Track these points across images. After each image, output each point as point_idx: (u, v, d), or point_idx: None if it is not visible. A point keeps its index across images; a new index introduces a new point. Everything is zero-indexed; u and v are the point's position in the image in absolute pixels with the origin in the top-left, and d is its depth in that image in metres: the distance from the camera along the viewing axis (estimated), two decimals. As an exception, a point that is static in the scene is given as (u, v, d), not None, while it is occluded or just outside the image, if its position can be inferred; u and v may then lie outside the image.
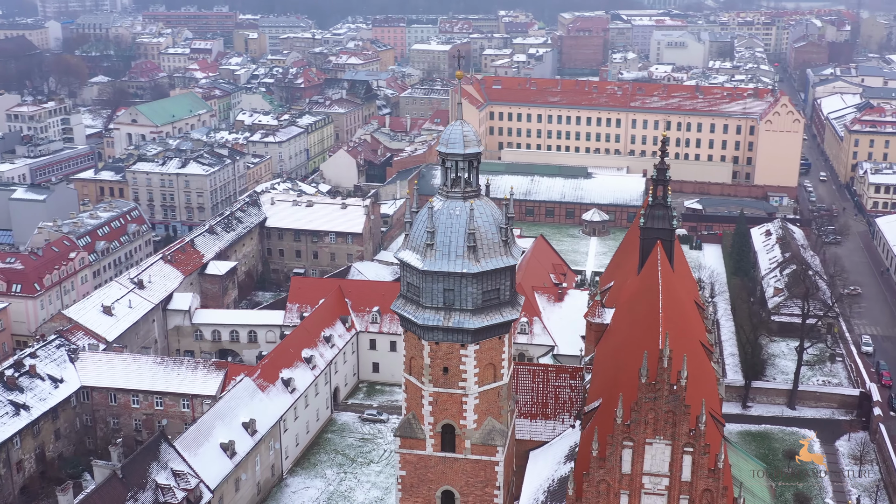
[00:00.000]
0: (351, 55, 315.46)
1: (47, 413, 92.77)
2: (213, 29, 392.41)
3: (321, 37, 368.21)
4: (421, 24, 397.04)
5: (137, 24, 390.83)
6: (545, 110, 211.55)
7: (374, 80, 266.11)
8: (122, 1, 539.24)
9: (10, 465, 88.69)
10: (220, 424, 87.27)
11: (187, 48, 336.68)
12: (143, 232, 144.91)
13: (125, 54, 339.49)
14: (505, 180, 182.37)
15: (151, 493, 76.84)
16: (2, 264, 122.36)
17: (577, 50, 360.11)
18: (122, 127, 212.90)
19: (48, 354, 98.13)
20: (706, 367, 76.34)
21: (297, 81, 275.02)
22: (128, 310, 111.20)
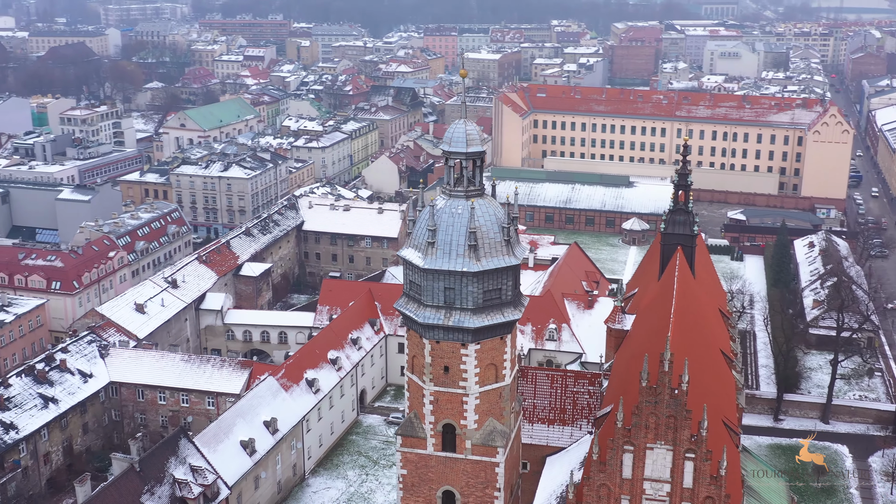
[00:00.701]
0: (400, 63, 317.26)
1: (75, 407, 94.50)
2: (267, 37, 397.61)
3: (372, 45, 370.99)
4: (472, 34, 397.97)
5: (193, 32, 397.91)
6: (589, 119, 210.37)
7: (420, 87, 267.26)
8: (181, 9, 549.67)
9: (38, 456, 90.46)
10: (241, 422, 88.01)
11: (241, 55, 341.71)
12: (183, 233, 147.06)
13: (180, 61, 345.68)
14: (545, 188, 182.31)
15: (168, 487, 77.69)
16: (42, 262, 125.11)
17: (629, 60, 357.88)
18: (170, 131, 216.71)
19: (79, 350, 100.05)
20: (725, 375, 75.08)
21: (346, 88, 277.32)
22: (160, 308, 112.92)
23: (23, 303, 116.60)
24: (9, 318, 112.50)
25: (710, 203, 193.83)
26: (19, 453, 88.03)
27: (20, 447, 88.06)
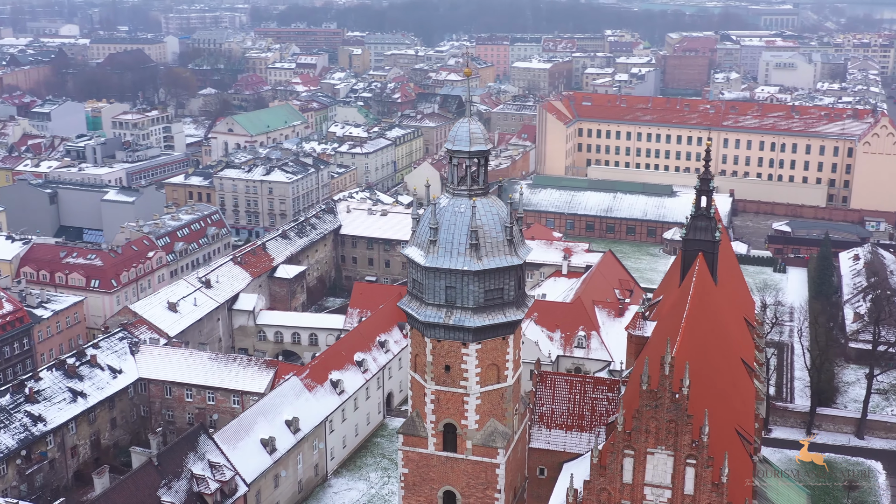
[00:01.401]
0: (450, 72, 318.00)
1: (104, 402, 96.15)
2: (321, 45, 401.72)
3: (423, 54, 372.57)
4: (524, 43, 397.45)
5: (248, 40, 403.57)
6: (634, 128, 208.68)
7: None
8: (240, 18, 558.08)
9: (65, 449, 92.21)
10: (263, 420, 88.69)
11: (293, 63, 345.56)
12: (223, 235, 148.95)
13: (234, 68, 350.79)
14: (586, 196, 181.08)
15: (186, 482, 78.50)
16: (83, 260, 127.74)
17: (681, 70, 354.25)
18: (219, 136, 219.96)
19: (110, 346, 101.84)
20: (744, 384, 73.73)
21: (395, 96, 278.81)
22: (192, 307, 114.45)
23: (61, 300, 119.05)
24: (47, 314, 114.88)
25: (756, 214, 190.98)
26: (46, 445, 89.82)
27: (48, 439, 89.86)
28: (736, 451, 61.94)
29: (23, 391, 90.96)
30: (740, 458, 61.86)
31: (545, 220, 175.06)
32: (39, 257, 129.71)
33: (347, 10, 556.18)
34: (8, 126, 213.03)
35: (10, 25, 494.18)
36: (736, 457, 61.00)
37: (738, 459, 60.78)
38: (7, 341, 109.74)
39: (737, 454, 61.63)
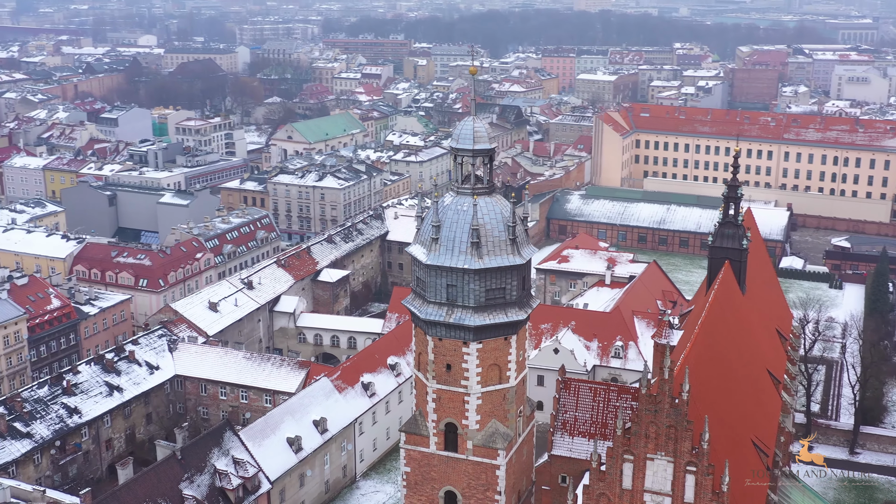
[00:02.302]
0: (514, 83, 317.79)
1: (139, 397, 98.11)
2: (387, 56, 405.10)
3: (489, 65, 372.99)
4: (591, 55, 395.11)
5: (316, 50, 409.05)
6: (693, 140, 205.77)
7: (528, 106, 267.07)
8: (312, 29, 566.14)
9: (100, 442, 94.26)
10: (290, 419, 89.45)
11: (359, 73, 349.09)
12: (272, 239, 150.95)
13: (301, 78, 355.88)
14: (640, 208, 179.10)
15: (209, 476, 79.48)
16: (133, 260, 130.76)
17: (750, 83, 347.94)
18: (278, 143, 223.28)
19: (149, 343, 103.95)
20: (767, 395, 72.01)
21: (455, 106, 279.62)
22: (233, 308, 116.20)
23: (109, 297, 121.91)
24: (94, 311, 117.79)
25: (816, 230, 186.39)
26: (81, 437, 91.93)
27: (82, 431, 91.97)
28: (749, 462, 60.57)
29: (61, 383, 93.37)
30: (753, 468, 60.41)
31: (597, 231, 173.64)
32: (92, 256, 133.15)
33: (417, 22, 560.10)
34: (76, 131, 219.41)
35: (90, 35, 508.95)
36: (748, 467, 59.67)
37: (749, 470, 59.40)
38: (54, 336, 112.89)
39: (749, 464, 60.26)
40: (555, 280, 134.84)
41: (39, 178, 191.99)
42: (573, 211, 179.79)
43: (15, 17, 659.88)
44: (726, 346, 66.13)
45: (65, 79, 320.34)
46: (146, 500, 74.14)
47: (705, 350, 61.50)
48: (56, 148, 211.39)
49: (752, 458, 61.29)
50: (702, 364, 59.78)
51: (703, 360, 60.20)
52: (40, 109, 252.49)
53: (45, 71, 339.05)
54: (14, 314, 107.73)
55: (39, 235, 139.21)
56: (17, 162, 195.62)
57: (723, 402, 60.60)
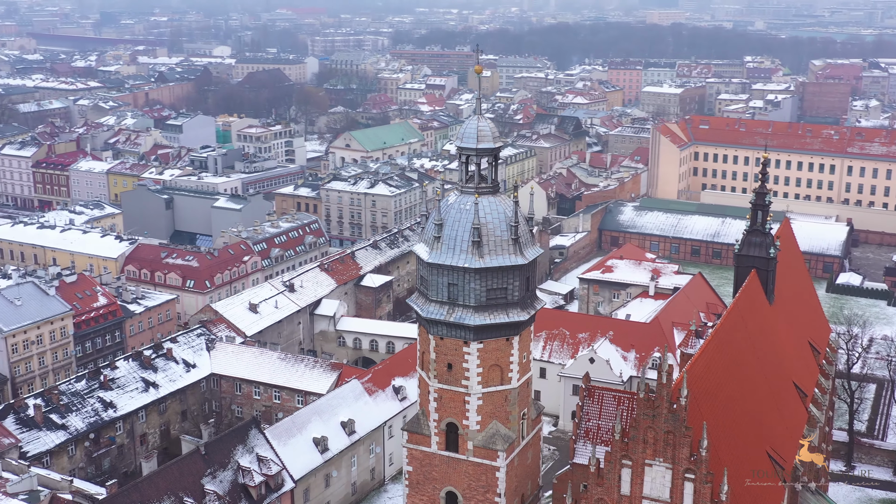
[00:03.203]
0: (577, 95, 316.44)
1: (175, 393, 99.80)
2: (452, 67, 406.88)
3: (553, 77, 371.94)
4: (658, 68, 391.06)
5: (382, 61, 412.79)
6: (752, 152, 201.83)
7: (588, 118, 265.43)
8: (382, 41, 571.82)
9: (134, 436, 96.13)
10: (317, 420, 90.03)
11: (423, 84, 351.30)
12: (320, 244, 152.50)
13: (366, 88, 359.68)
14: (693, 220, 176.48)
15: (231, 472, 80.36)
16: (181, 261, 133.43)
17: (821, 97, 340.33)
18: (337, 151, 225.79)
19: (188, 341, 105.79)
20: (792, 408, 70.16)
21: (517, 117, 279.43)
22: (273, 309, 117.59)
23: (155, 297, 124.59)
24: (139, 309, 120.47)
25: (880, 246, 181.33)
26: (116, 431, 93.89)
27: (117, 425, 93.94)
28: (761, 473, 59.08)
29: (98, 378, 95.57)
30: (765, 479, 58.91)
31: (649, 243, 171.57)
32: (143, 257, 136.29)
33: (486, 34, 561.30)
34: (141, 136, 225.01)
35: (166, 46, 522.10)
36: (758, 478, 58.21)
37: (760, 480, 57.96)
38: (99, 333, 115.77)
39: (761, 475, 58.76)
40: (598, 290, 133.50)
41: (103, 182, 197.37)
42: (625, 222, 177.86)
43: (97, 28, 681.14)
44: (743, 355, 64.61)
45: (136, 87, 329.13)
46: (167, 493, 75.25)
47: (717, 357, 60.24)
48: (121, 153, 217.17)
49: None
50: (712, 371, 58.60)
51: (713, 367, 58.99)
52: (110, 116, 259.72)
53: (118, 79, 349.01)
54: (61, 310, 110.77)
55: (94, 236, 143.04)
56: (83, 166, 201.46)
57: (733, 410, 59.21)
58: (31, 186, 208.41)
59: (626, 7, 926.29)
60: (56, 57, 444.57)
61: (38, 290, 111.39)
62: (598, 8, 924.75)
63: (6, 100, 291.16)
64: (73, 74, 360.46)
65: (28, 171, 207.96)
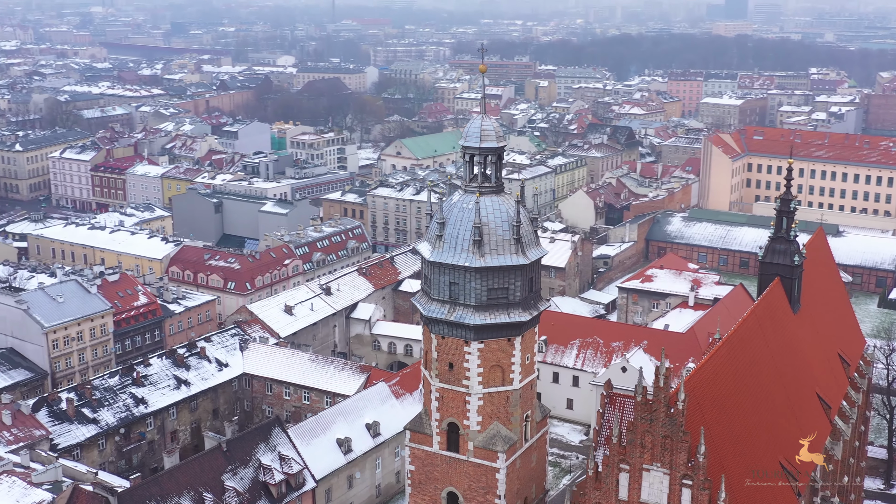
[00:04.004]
0: (634, 105, 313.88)
1: (206, 392, 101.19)
2: (511, 77, 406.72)
3: (611, 87, 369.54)
4: (719, 79, 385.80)
5: (440, 71, 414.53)
6: (807, 164, 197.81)
7: (642, 128, 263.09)
8: (443, 52, 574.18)
9: (165, 432, 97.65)
10: (342, 421, 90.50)
11: (480, 93, 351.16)
12: (362, 249, 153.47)
13: (423, 97, 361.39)
14: (743, 232, 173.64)
15: (252, 470, 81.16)
16: (223, 263, 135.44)
17: (887, 109, 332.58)
18: (388, 158, 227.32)
19: (221, 341, 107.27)
20: (814, 419, 68.39)
21: (571, 127, 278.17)
22: (308, 312, 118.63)
23: (195, 297, 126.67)
24: (179, 309, 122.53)
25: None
26: (146, 427, 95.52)
27: (147, 421, 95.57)
28: (765, 480, 57.67)
29: (131, 374, 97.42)
30: (777, 490, 57.60)
31: (696, 255, 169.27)
32: (187, 258, 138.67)
33: (548, 45, 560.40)
34: (197, 142, 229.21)
35: (230, 55, 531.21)
36: (770, 489, 56.93)
37: (771, 492, 56.70)
38: (139, 331, 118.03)
39: (771, 486, 57.42)
40: (637, 299, 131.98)
41: (157, 186, 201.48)
42: (673, 233, 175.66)
43: (167, 38, 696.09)
44: (759, 363, 63.21)
45: (198, 94, 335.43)
46: (187, 488, 76.31)
47: (728, 364, 59.10)
48: (177, 158, 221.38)
49: (775, 479, 58.26)
50: (720, 378, 57.55)
51: (722, 373, 57.91)
52: (169, 122, 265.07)
53: (180, 87, 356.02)
54: (101, 308, 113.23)
55: (142, 237, 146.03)
56: (139, 170, 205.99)
57: (742, 418, 57.95)
58: (90, 189, 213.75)
59: (693, 19, 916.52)
60: (124, 65, 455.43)
61: (81, 288, 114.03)
62: (664, 20, 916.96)
63: (71, 106, 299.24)
64: (139, 82, 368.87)
65: (87, 175, 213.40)
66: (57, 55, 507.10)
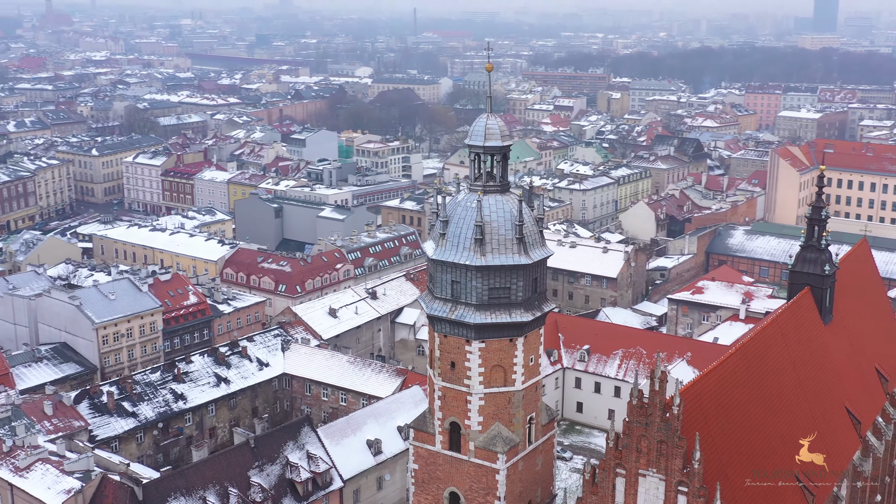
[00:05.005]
0: (707, 118, 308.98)
1: (245, 390, 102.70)
2: (584, 89, 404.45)
3: (686, 100, 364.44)
4: (798, 93, 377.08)
5: (513, 82, 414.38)
6: (880, 178, 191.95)
7: (712, 140, 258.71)
8: (520, 64, 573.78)
9: (203, 429, 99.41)
10: (373, 422, 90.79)
11: (551, 105, 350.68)
12: (415, 256, 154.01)
13: (495, 109, 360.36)
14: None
15: (279, 467, 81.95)
16: (275, 266, 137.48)
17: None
18: (451, 167, 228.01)
19: (264, 341, 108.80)
20: (841, 433, 66.29)
21: (640, 139, 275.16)
22: (353, 315, 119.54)
23: (245, 299, 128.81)
24: (228, 309, 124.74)
25: None
26: (184, 422, 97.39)
27: (186, 417, 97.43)
28: (784, 497, 56.21)
29: (172, 370, 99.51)
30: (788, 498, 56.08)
31: (759, 269, 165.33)
32: (241, 260, 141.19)
33: (625, 57, 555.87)
34: (265, 149, 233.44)
35: (309, 66, 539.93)
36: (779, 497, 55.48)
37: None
38: (188, 330, 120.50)
39: (782, 499, 55.90)
40: (687, 311, 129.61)
41: (223, 191, 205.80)
42: (735, 246, 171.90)
43: (251, 49, 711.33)
44: (775, 372, 61.46)
45: (272, 103, 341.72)
46: (213, 482, 77.43)
47: (740, 371, 57.69)
48: (245, 164, 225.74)
49: (788, 493, 56.64)
50: (729, 385, 56.23)
51: (731, 381, 56.56)
52: (240, 129, 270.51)
53: (256, 96, 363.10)
54: (151, 306, 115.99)
55: (199, 239, 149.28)
56: (207, 175, 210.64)
57: (749, 427, 56.43)
58: (160, 193, 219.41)
59: (780, 32, 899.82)
60: (206, 75, 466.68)
61: (132, 287, 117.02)
62: (750, 33, 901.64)
63: (149, 113, 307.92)
64: (217, 91, 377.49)
65: (157, 179, 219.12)
66: (143, 65, 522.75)
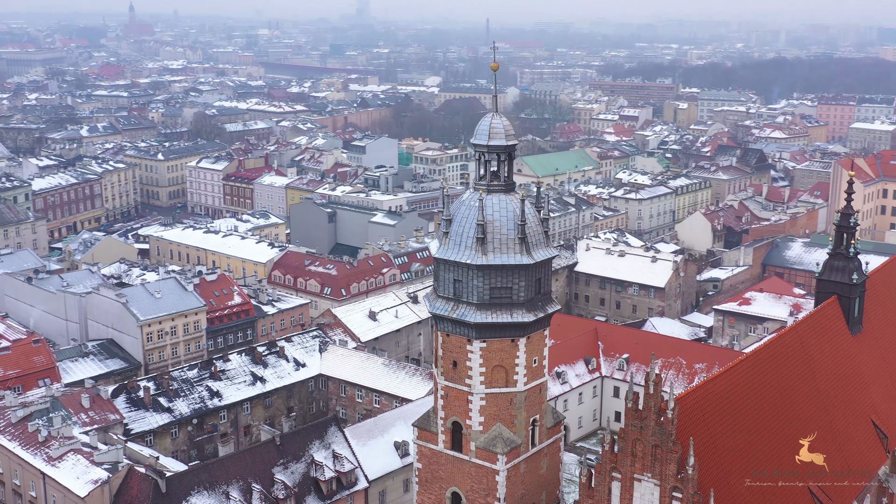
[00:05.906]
0: (775, 129, 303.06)
1: (281, 389, 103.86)
2: (651, 99, 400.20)
3: (755, 111, 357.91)
4: (873, 104, 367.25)
5: (579, 92, 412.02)
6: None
7: (777, 151, 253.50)
8: (590, 73, 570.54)
9: (238, 426, 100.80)
10: (401, 424, 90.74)
11: (616, 115, 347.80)
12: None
13: (559, 117, 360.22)
14: (869, 260, 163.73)
15: (304, 466, 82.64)
16: (322, 269, 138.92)
17: None
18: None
19: (302, 342, 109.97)
20: (865, 447, 64.39)
21: (704, 150, 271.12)
22: (393, 319, 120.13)
23: (289, 301, 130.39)
24: (272, 310, 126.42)
25: None
26: (219, 419, 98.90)
27: (221, 414, 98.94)
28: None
29: (209, 368, 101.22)
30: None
31: (815, 282, 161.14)
32: (289, 263, 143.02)
33: (696, 68, 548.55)
34: (325, 155, 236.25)
35: (378, 75, 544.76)
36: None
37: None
38: (232, 329, 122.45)
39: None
40: (733, 322, 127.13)
41: (281, 195, 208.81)
42: (792, 258, 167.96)
43: (324, 59, 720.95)
44: (789, 381, 59.96)
45: (337, 111, 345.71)
46: (237, 478, 78.48)
47: (749, 378, 56.48)
48: (305, 170, 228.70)
49: (791, 496, 55.22)
50: (736, 392, 55.10)
51: (739, 387, 55.42)
52: (303, 136, 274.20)
53: (322, 104, 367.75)
54: (195, 305, 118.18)
55: (250, 242, 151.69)
56: (266, 180, 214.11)
57: (753, 434, 55.12)
58: (221, 198, 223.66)
59: (861, 43, 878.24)
60: (276, 83, 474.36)
61: (178, 286, 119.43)
62: (831, 44, 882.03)
63: (217, 119, 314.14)
64: (286, 99, 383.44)
65: (219, 184, 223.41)
66: (217, 73, 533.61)
